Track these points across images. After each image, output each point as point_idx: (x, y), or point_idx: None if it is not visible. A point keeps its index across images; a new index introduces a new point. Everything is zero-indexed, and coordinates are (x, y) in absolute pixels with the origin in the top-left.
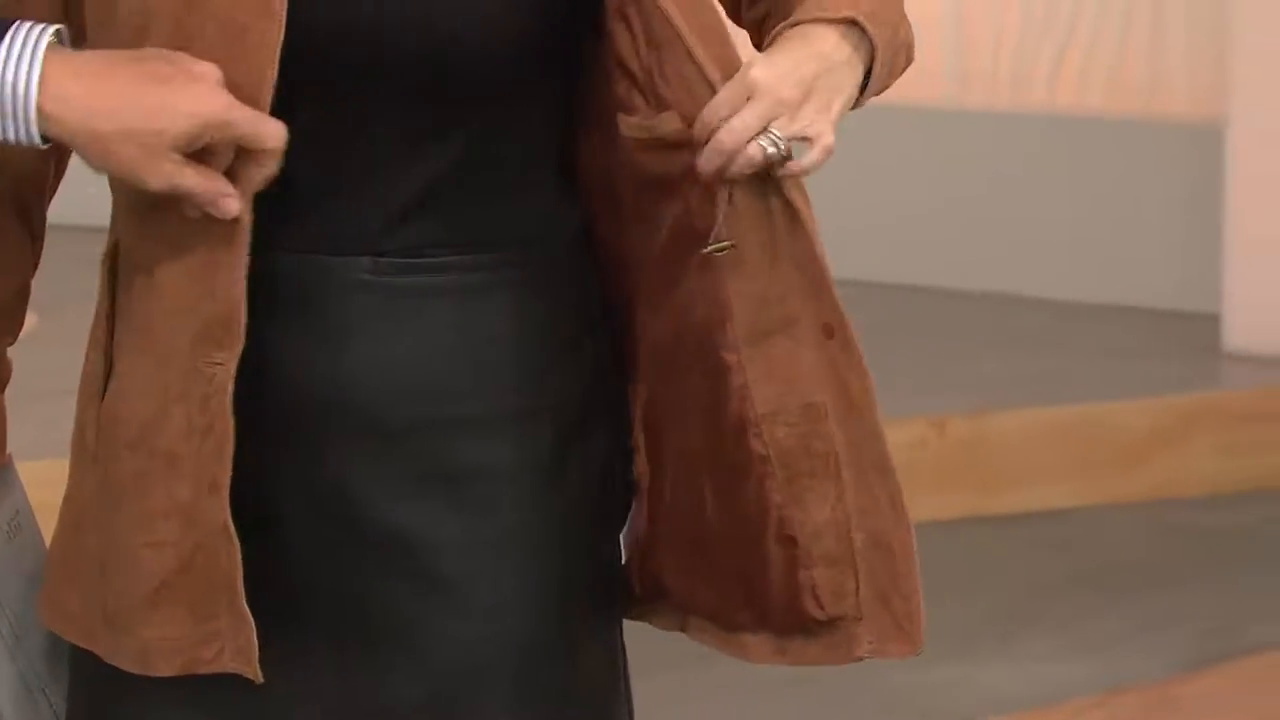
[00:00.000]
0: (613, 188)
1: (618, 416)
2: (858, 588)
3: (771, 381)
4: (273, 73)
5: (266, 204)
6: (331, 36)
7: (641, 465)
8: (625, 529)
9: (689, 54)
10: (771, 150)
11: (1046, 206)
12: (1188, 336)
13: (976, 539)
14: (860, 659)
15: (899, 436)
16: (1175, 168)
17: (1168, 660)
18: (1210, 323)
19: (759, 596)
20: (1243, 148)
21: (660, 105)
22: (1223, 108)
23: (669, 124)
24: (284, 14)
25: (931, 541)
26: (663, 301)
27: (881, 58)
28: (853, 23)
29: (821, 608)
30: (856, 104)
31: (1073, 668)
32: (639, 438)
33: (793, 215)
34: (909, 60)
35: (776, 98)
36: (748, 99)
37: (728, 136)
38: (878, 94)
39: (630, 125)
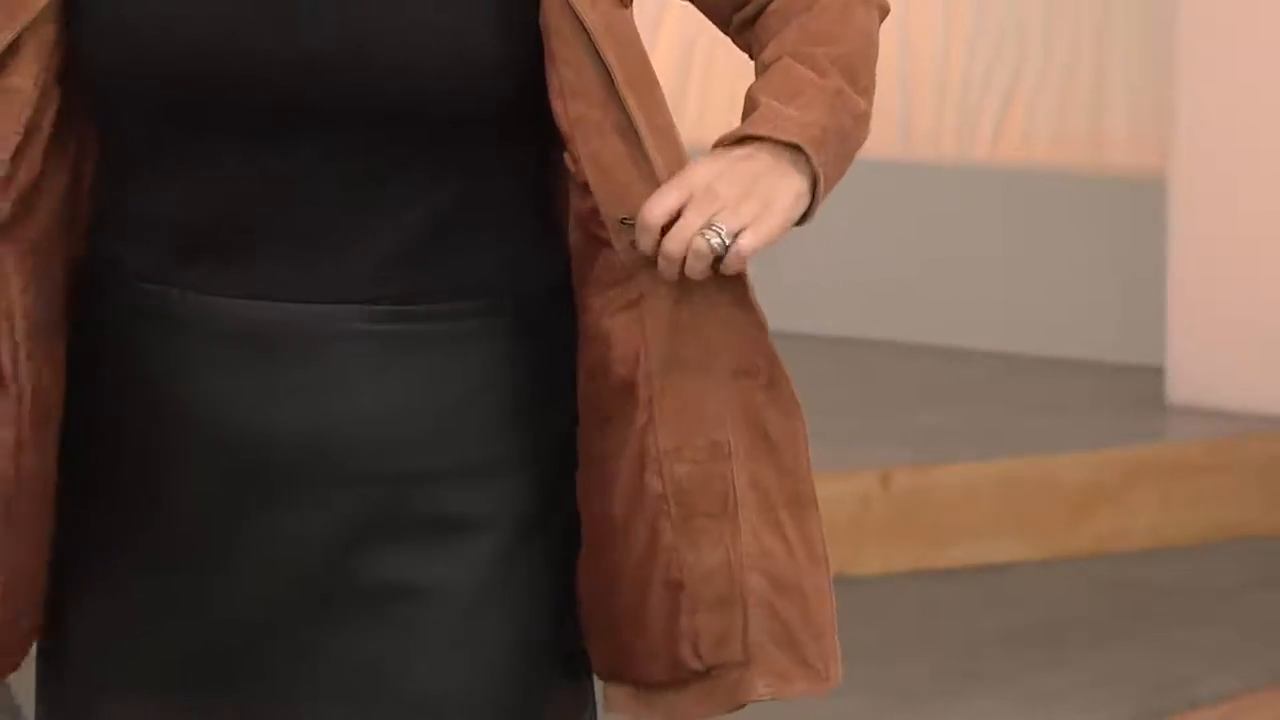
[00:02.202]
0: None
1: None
2: (745, 632)
3: (679, 416)
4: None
5: (246, 251)
6: (304, 74)
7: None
8: None
9: (611, 83)
10: (716, 241)
11: (990, 259)
12: (1131, 389)
13: (921, 593)
14: (745, 704)
15: (845, 489)
16: (1118, 220)
17: (1113, 716)
18: (1153, 375)
19: (633, 646)
20: (1184, 200)
21: (565, 146)
22: (1164, 160)
23: (570, 166)
24: (3, 47)
25: (876, 596)
26: (592, 339)
27: (826, 180)
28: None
29: (699, 657)
30: (805, 217)
31: None
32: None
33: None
34: (862, 140)
35: (713, 194)
36: (688, 198)
37: (672, 244)
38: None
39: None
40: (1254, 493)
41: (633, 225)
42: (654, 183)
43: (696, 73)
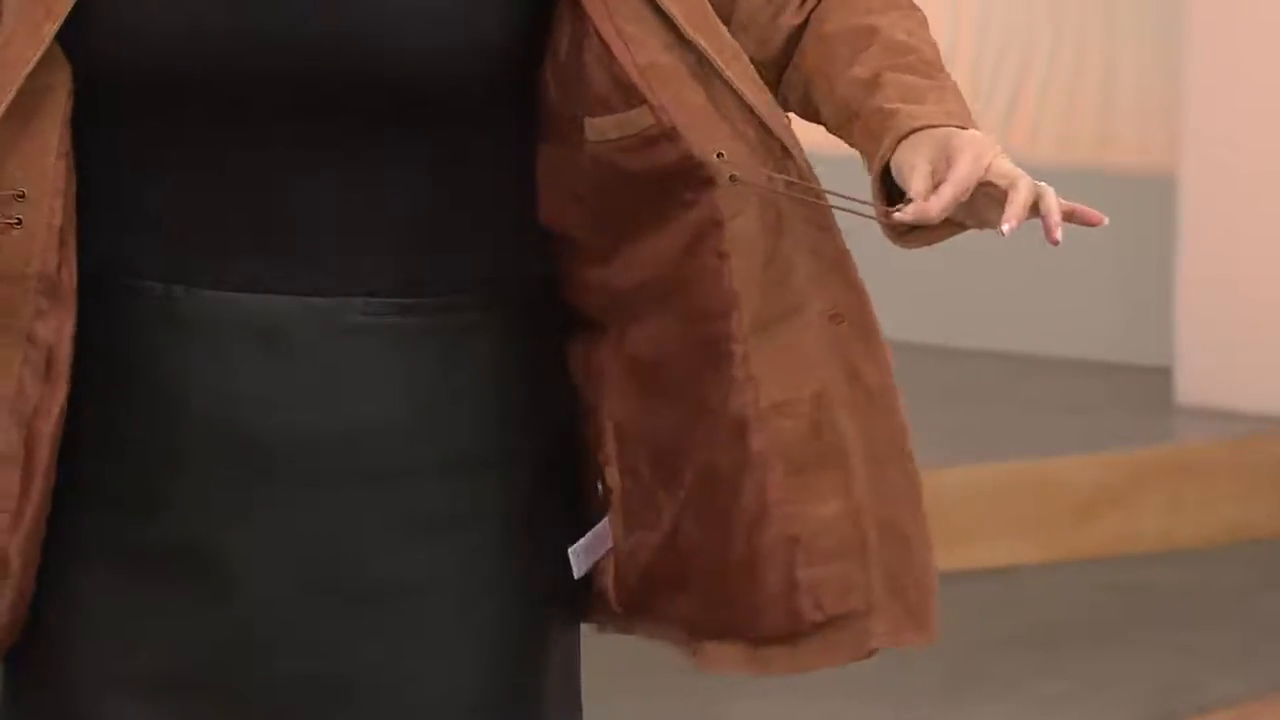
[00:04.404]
0: (594, 207)
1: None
2: (869, 580)
3: (778, 371)
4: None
5: (245, 244)
6: (301, 62)
7: (612, 480)
8: (582, 543)
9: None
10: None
11: (996, 258)
12: (1138, 390)
13: None
14: (872, 653)
15: None
16: (1126, 219)
17: None
18: (1162, 376)
19: (745, 601)
20: (1194, 199)
21: (633, 100)
22: (1174, 159)
23: (645, 119)
24: (49, 39)
25: None
26: (659, 304)
27: None
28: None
29: (820, 608)
30: None
31: None
32: (610, 451)
33: (801, 196)
34: None
35: (1028, 177)
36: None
37: (1026, 211)
38: None
39: (601, 127)
40: (1264, 494)
41: (725, 159)
42: (744, 113)
43: None
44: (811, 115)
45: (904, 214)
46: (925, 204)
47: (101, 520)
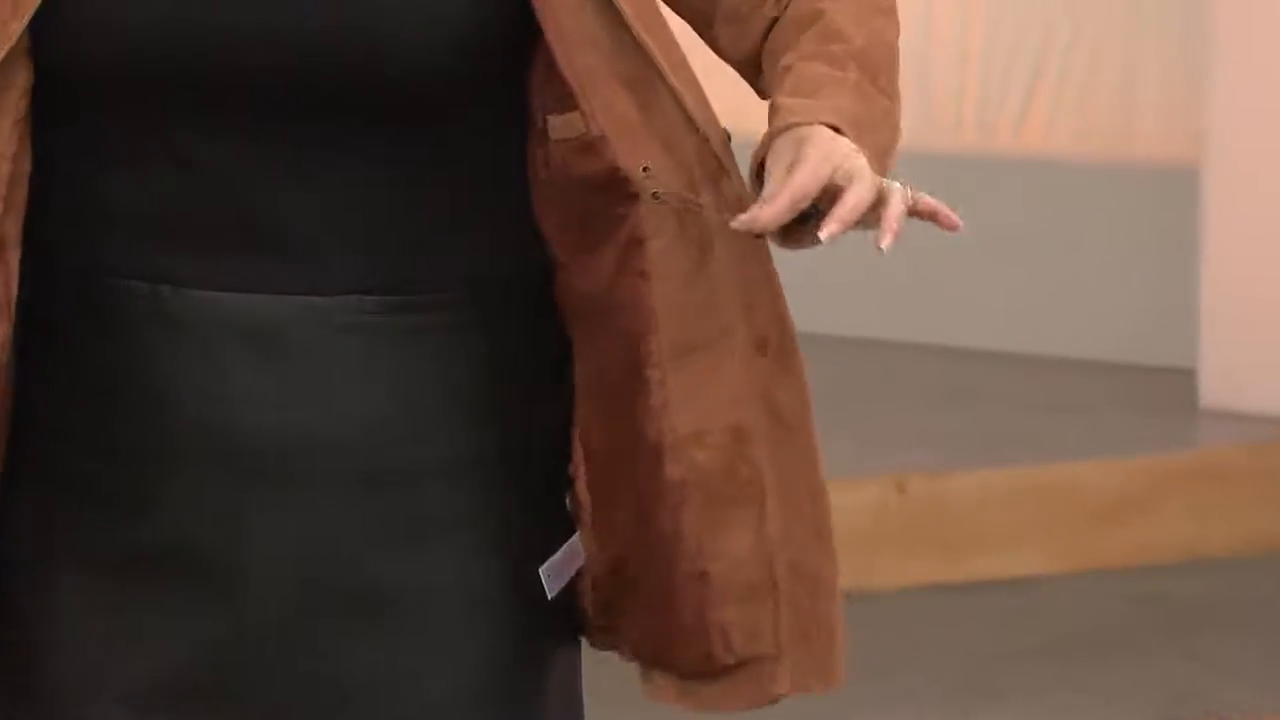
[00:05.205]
0: (558, 210)
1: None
2: (777, 623)
3: (695, 401)
4: None
5: (235, 243)
6: (287, 58)
7: (582, 494)
8: (554, 561)
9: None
10: (906, 191)
11: (1013, 255)
12: (1161, 393)
13: (939, 607)
14: (778, 699)
15: (859, 497)
16: (1148, 214)
17: None
18: (1185, 378)
19: (667, 632)
20: (1219, 193)
21: (573, 103)
22: (1198, 151)
23: (578, 124)
24: (15, 37)
25: (893, 610)
26: (603, 320)
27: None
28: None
29: (730, 650)
30: None
31: None
32: (579, 466)
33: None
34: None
35: (852, 169)
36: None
37: (850, 214)
38: None
39: (555, 125)
40: None
41: (650, 174)
42: (684, 124)
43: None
44: None
45: (738, 221)
46: (759, 211)
47: (91, 521)
